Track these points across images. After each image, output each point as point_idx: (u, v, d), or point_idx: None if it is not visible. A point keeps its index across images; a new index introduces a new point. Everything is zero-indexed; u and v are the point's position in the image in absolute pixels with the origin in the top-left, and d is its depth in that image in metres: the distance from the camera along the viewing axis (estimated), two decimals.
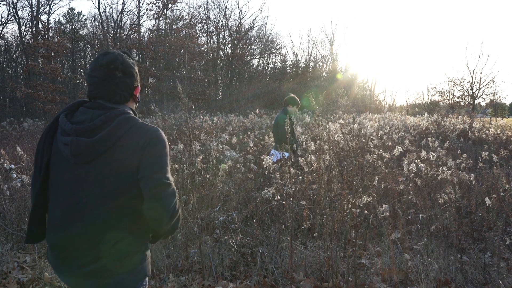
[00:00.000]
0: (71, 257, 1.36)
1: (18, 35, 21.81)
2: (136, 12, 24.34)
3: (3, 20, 22.05)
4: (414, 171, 3.91)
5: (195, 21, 26.50)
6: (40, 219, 1.45)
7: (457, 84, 28.24)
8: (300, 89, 21.77)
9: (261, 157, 3.44)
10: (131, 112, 1.43)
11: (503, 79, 67.41)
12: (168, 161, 1.42)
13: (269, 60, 31.26)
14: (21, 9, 30.37)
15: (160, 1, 23.03)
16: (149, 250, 1.49)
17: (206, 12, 28.43)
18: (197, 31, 26.68)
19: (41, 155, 1.42)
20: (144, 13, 24.48)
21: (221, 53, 27.84)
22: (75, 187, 1.35)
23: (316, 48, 43.33)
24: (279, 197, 3.14)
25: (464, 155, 4.56)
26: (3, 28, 22.16)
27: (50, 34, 21.05)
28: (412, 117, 14.99)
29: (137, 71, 1.51)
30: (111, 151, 1.33)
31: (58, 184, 1.38)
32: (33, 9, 21.20)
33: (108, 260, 1.35)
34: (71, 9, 33.56)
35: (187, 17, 25.63)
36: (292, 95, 5.24)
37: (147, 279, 1.50)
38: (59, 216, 1.37)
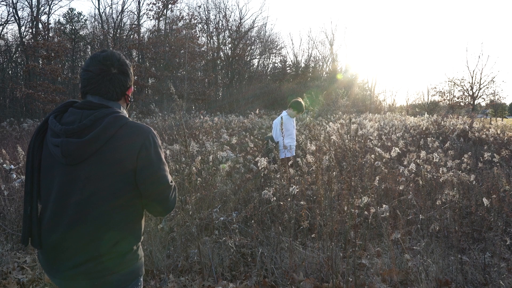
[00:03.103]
0: (63, 257, 1.35)
1: (18, 35, 21.79)
2: (136, 13, 24.37)
3: (3, 20, 22.03)
4: (414, 171, 3.91)
5: (195, 21, 26.50)
6: (34, 221, 1.40)
7: (457, 84, 28.22)
8: (300, 89, 21.76)
9: (256, 159, 3.44)
10: (120, 111, 1.41)
11: (503, 79, 67.44)
12: (164, 159, 1.44)
13: (269, 60, 31.28)
14: (21, 9, 30.45)
15: (160, 2, 23.04)
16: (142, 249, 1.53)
17: (206, 13, 28.48)
18: (197, 31, 26.68)
19: (32, 158, 1.39)
20: (144, 14, 24.48)
21: (221, 53, 27.83)
22: (68, 188, 1.33)
23: (316, 48, 43.38)
24: (276, 198, 3.14)
25: (466, 155, 4.56)
26: (3, 28, 22.16)
27: (50, 35, 21.04)
28: (412, 117, 14.97)
29: (132, 72, 1.51)
30: (103, 151, 1.31)
31: (50, 186, 1.37)
32: (33, 9, 21.19)
33: (108, 260, 1.36)
34: (71, 9, 33.58)
35: (187, 17, 25.62)
36: (298, 99, 5.25)
37: (141, 278, 1.51)
38: (50, 217, 1.36)
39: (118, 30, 24.31)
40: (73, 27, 26.40)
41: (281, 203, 3.11)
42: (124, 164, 1.33)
